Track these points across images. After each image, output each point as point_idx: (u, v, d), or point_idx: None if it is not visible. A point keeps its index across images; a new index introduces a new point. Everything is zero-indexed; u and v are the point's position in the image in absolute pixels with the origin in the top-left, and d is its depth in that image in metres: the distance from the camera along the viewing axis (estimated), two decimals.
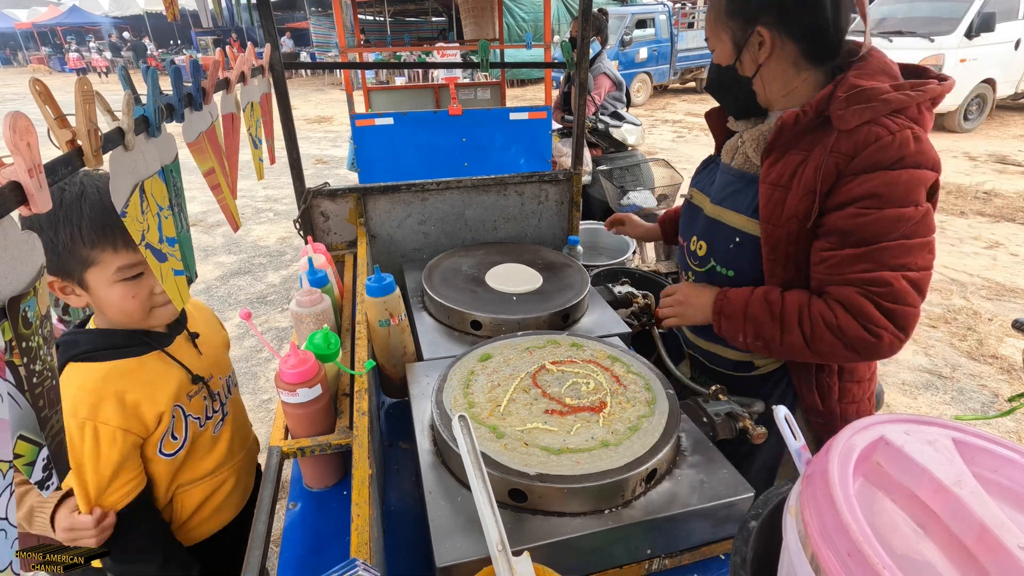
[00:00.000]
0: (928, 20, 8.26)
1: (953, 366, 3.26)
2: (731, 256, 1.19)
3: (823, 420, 1.21)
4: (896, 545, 0.51)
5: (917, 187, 0.96)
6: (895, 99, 0.96)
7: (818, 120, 1.02)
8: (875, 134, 0.96)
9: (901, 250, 0.97)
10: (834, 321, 1.02)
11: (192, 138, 0.89)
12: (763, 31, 1.05)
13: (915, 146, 0.95)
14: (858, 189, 0.97)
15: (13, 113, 0.43)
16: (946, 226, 5.22)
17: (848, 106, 0.97)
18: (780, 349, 1.10)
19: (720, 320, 1.16)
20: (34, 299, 0.41)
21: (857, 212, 0.98)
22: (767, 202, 1.08)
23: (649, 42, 12.03)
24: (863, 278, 0.99)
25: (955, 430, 0.57)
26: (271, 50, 1.55)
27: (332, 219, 1.87)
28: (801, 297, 1.07)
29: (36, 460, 0.41)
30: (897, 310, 0.98)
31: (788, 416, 0.73)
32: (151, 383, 1.07)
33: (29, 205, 0.45)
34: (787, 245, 1.08)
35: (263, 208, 6.35)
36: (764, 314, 1.09)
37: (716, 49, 1.15)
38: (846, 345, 1.02)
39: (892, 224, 0.96)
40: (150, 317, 1.07)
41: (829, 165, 1.00)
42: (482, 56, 1.98)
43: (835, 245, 1.02)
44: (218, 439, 1.22)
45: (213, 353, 1.25)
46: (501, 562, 0.69)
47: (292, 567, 0.95)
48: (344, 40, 4.52)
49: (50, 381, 0.43)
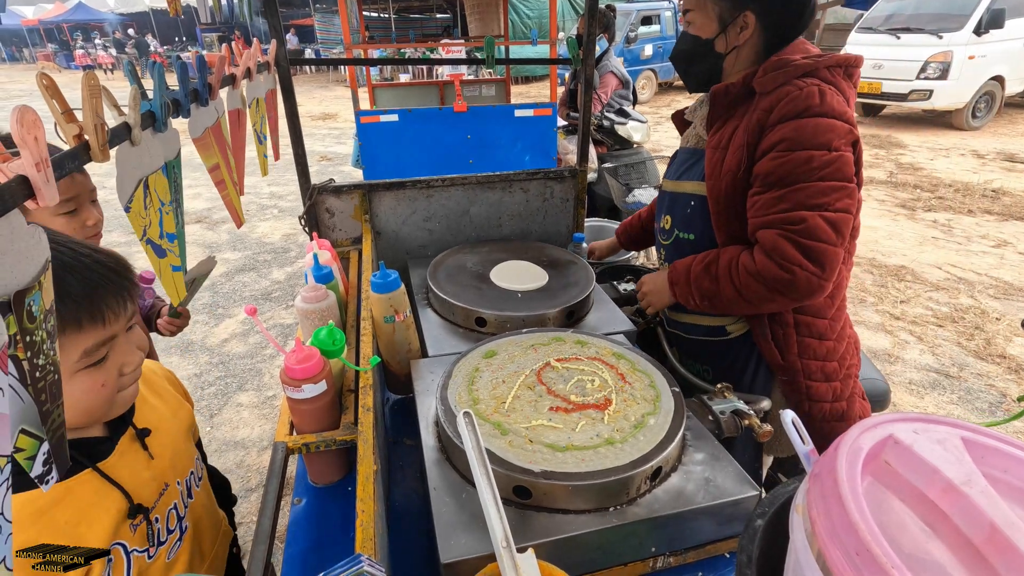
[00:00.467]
0: (937, 16, 8.20)
1: (960, 365, 3.24)
2: (688, 220, 1.34)
3: (787, 377, 1.29)
4: (904, 544, 0.50)
5: (824, 132, 1.08)
6: (802, 64, 1.13)
7: (746, 91, 1.19)
8: (786, 92, 1.12)
9: (815, 191, 1.09)
10: (753, 267, 1.15)
11: (198, 134, 0.89)
12: (750, 17, 1.17)
13: (819, 99, 1.09)
14: (774, 136, 1.12)
15: (21, 107, 0.43)
16: (953, 224, 5.19)
17: (765, 73, 1.15)
18: (723, 304, 1.23)
19: (674, 289, 1.31)
20: (39, 293, 0.41)
21: (775, 155, 1.12)
22: (710, 163, 1.24)
23: (654, 39, 11.99)
24: (782, 218, 1.11)
25: (965, 429, 0.57)
26: (276, 46, 1.55)
27: (337, 216, 1.87)
28: (732, 252, 1.21)
29: (37, 454, 0.41)
30: (812, 246, 1.09)
31: (796, 420, 0.73)
32: (78, 521, 0.79)
33: (36, 199, 0.45)
34: (727, 198, 1.21)
35: (268, 205, 6.36)
36: (703, 274, 1.24)
37: (697, 21, 1.23)
38: (767, 287, 1.14)
39: (805, 164, 1.08)
40: (112, 408, 0.83)
41: (752, 121, 1.16)
42: (487, 52, 1.98)
43: (760, 189, 1.15)
44: (174, 563, 0.94)
45: (170, 451, 0.96)
46: (505, 559, 0.69)
47: (297, 562, 0.95)
48: (349, 36, 4.52)
49: (52, 376, 0.43)
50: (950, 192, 5.94)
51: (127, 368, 0.81)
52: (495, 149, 3.43)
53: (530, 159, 3.49)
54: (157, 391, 1.02)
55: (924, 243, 4.83)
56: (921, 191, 6.03)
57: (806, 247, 1.09)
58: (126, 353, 0.81)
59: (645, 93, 12.12)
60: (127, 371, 0.81)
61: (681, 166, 1.39)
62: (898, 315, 3.75)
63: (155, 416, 0.96)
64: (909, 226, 5.18)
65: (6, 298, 0.38)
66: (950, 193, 5.91)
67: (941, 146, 7.77)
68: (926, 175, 6.54)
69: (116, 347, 0.79)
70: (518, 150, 3.47)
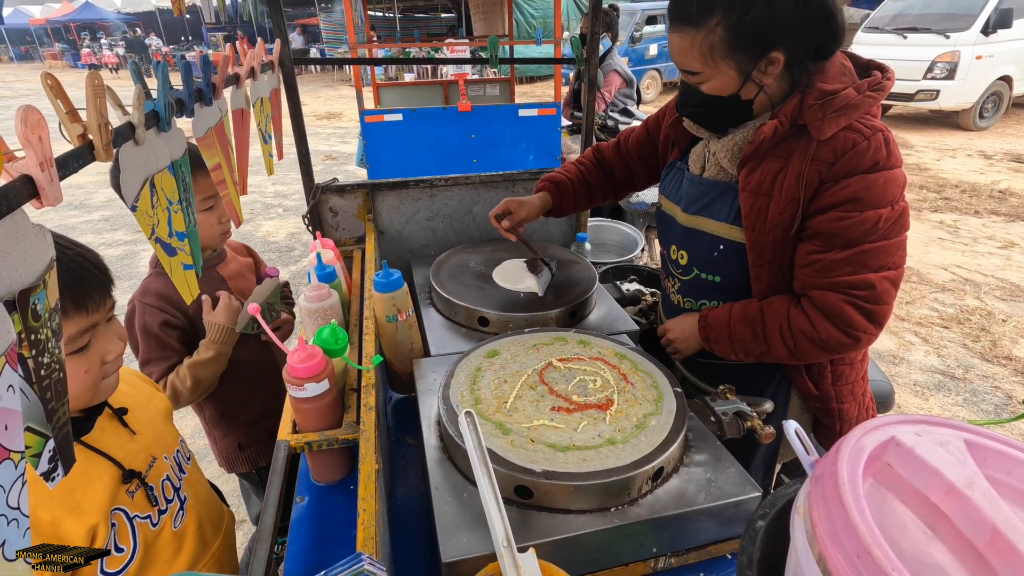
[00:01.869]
0: (944, 16, 8.15)
1: (966, 367, 3.22)
2: (715, 263, 1.21)
3: (819, 403, 1.25)
4: (905, 547, 0.50)
5: (891, 188, 1.00)
6: (862, 102, 1.00)
7: (793, 129, 1.05)
8: (851, 140, 1.00)
9: (881, 251, 1.02)
10: (813, 333, 1.07)
11: (201, 133, 0.89)
12: (778, 55, 1.00)
13: (886, 150, 1.00)
14: (840, 194, 1.01)
15: (25, 107, 0.43)
16: (960, 225, 5.16)
17: (824, 115, 1.00)
18: (770, 359, 1.17)
19: (710, 345, 1.22)
20: (43, 292, 0.41)
21: (840, 216, 1.01)
22: (750, 210, 1.10)
23: (659, 38, 11.95)
24: (847, 281, 1.03)
25: (967, 431, 0.57)
26: (280, 46, 1.56)
27: (341, 215, 1.88)
28: (780, 311, 1.11)
29: (42, 452, 0.41)
30: (877, 311, 1.04)
31: (799, 430, 0.73)
32: (72, 488, 0.84)
33: (40, 199, 0.45)
34: (772, 251, 1.11)
35: (272, 204, 6.38)
36: (748, 335, 1.15)
37: (711, 80, 1.05)
38: (824, 349, 1.09)
39: (872, 225, 1.00)
40: (96, 394, 0.87)
41: (811, 173, 1.02)
42: (491, 52, 1.98)
43: (820, 248, 1.05)
44: (183, 533, 0.99)
45: (150, 428, 1.01)
46: (507, 558, 0.69)
47: (299, 560, 0.95)
48: (354, 36, 4.52)
49: (57, 374, 0.44)
50: (956, 193, 5.90)
51: (109, 356, 0.87)
52: (499, 148, 3.44)
53: (534, 158, 3.50)
54: (129, 382, 1.07)
55: (930, 244, 4.80)
56: (927, 192, 6.00)
57: (871, 312, 1.03)
58: (108, 342, 0.87)
59: (650, 93, 12.10)
60: (109, 359, 0.87)
61: (699, 199, 1.20)
62: (903, 316, 3.73)
63: (129, 400, 1.00)
64: (915, 227, 5.15)
65: (11, 297, 0.38)
66: (956, 194, 5.88)
67: (948, 146, 7.73)
68: (932, 176, 6.51)
69: (98, 336, 0.85)
70: (522, 149, 3.47)
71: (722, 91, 1.06)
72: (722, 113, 1.11)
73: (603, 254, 2.66)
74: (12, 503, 0.37)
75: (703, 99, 1.09)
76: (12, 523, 0.37)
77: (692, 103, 1.14)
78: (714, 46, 1.00)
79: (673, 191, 1.30)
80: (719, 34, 0.99)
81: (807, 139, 1.03)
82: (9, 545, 0.38)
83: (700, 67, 1.04)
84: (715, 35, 0.99)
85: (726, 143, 1.14)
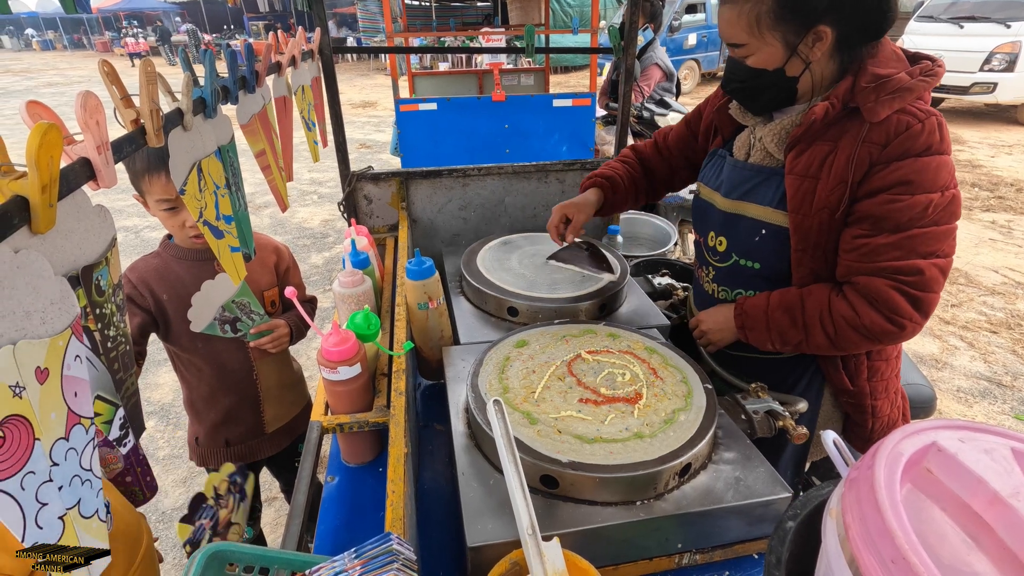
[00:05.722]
0: (1004, 4, 7.71)
1: (1015, 374, 3.08)
2: (756, 249, 1.19)
3: (852, 399, 1.22)
4: (943, 555, 0.49)
5: (944, 173, 0.98)
6: (916, 86, 0.98)
7: (844, 112, 1.03)
8: (905, 123, 0.98)
9: (931, 237, 0.99)
10: (856, 320, 1.05)
11: (245, 120, 0.92)
12: (825, 29, 0.98)
13: (940, 134, 0.98)
14: (890, 176, 0.99)
15: (84, 92, 0.45)
16: (1014, 226, 4.91)
17: (878, 97, 0.98)
18: (808, 349, 1.14)
19: (746, 334, 1.19)
20: (106, 268, 0.43)
21: (890, 199, 1.00)
22: (795, 193, 1.08)
23: (699, 28, 11.66)
24: (895, 266, 1.01)
25: (1015, 440, 0.54)
26: (320, 35, 1.58)
27: (375, 203, 1.90)
28: (820, 298, 1.09)
29: (113, 419, 0.44)
30: (924, 298, 1.01)
31: (838, 441, 0.71)
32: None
33: (97, 180, 0.47)
34: (818, 234, 1.08)
35: (308, 191, 6.51)
36: (787, 322, 1.12)
37: (757, 53, 1.04)
38: (867, 337, 1.06)
39: (923, 210, 0.98)
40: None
41: (862, 154, 1.01)
42: (527, 41, 1.96)
43: (868, 232, 1.03)
44: None
45: None
46: (531, 546, 0.69)
47: (329, 537, 0.98)
48: (391, 24, 4.55)
49: (124, 346, 0.46)
50: (1011, 192, 5.61)
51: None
52: (532, 139, 3.41)
53: (567, 149, 3.46)
54: None
55: (980, 244, 4.58)
56: (979, 190, 5.72)
57: (918, 299, 1.01)
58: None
59: (688, 84, 11.82)
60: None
61: (742, 184, 1.19)
62: (948, 319, 3.58)
63: None
64: (964, 226, 4.92)
65: (75, 272, 0.40)
66: (1011, 193, 5.59)
67: (1004, 142, 7.34)
68: (985, 173, 6.20)
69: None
70: (555, 140, 3.44)
71: (767, 64, 1.05)
72: (766, 90, 1.09)
73: (635, 247, 2.63)
74: (85, 464, 0.40)
75: (748, 72, 1.08)
76: (86, 483, 0.40)
77: (737, 78, 1.12)
78: (761, 17, 1.01)
79: (713, 178, 1.28)
80: (767, 4, 0.99)
81: (859, 122, 1.01)
82: (85, 503, 0.40)
83: (747, 38, 1.04)
84: (763, 5, 1.00)
85: (773, 127, 1.13)
